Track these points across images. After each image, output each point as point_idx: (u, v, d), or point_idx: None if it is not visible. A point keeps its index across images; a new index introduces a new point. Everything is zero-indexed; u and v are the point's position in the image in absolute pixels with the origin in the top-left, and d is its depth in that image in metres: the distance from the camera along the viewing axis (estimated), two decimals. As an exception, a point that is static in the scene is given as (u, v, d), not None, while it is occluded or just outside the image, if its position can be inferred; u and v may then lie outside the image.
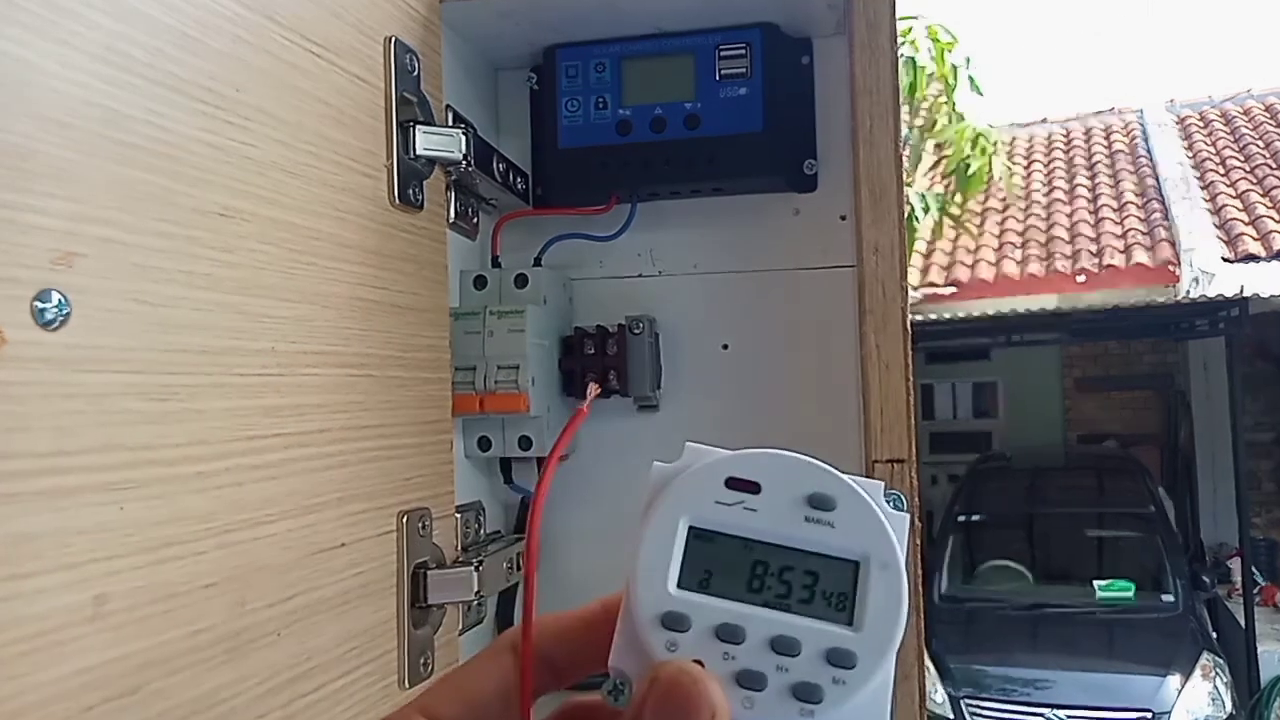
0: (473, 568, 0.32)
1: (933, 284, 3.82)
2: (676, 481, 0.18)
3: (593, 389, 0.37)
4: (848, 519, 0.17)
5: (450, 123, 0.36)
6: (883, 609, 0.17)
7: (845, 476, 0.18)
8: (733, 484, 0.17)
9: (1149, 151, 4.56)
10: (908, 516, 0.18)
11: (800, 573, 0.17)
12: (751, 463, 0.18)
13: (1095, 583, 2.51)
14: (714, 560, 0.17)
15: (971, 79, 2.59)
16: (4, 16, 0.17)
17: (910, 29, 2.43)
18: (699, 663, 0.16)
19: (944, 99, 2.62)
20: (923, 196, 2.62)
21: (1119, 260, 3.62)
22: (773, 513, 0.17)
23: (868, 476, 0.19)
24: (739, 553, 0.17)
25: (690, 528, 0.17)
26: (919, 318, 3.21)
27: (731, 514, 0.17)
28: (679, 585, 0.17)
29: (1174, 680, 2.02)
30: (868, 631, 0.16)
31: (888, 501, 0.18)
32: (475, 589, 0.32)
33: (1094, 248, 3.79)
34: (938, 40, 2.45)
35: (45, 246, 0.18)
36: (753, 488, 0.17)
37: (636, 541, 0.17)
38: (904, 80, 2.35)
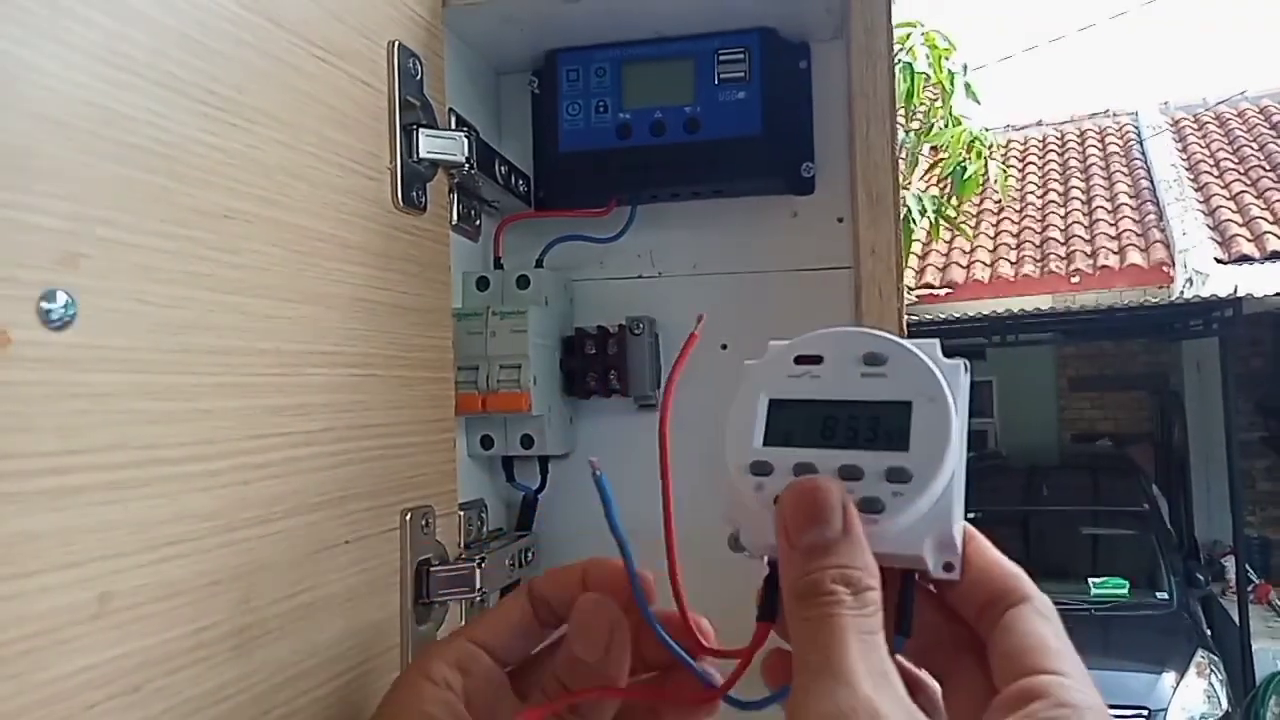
0: (475, 565, 0.32)
1: (929, 285, 3.84)
2: (754, 367, 0.22)
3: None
4: (898, 369, 0.20)
5: (453, 126, 0.36)
6: (931, 432, 0.19)
7: (895, 337, 0.20)
8: (800, 360, 0.21)
9: (1143, 153, 4.59)
10: (960, 364, 0.20)
11: (864, 419, 0.20)
12: (813, 340, 0.21)
13: (1090, 580, 2.52)
14: (791, 421, 0.20)
15: (968, 85, 2.60)
16: (4, 16, 0.17)
17: (908, 36, 2.44)
18: None
19: (940, 104, 2.63)
20: (919, 199, 2.62)
21: (1113, 261, 3.64)
22: (835, 375, 0.20)
23: None
24: (810, 411, 0.20)
25: (769, 400, 0.21)
26: (915, 318, 3.22)
27: (801, 383, 0.21)
28: (764, 444, 0.20)
29: (1169, 677, 2.03)
30: (919, 451, 0.19)
31: (947, 356, 0.20)
32: (478, 585, 0.32)
33: (1088, 249, 3.81)
34: (935, 47, 2.46)
35: (48, 246, 0.18)
36: (816, 360, 0.21)
37: (725, 420, 0.21)
38: (901, 86, 2.36)
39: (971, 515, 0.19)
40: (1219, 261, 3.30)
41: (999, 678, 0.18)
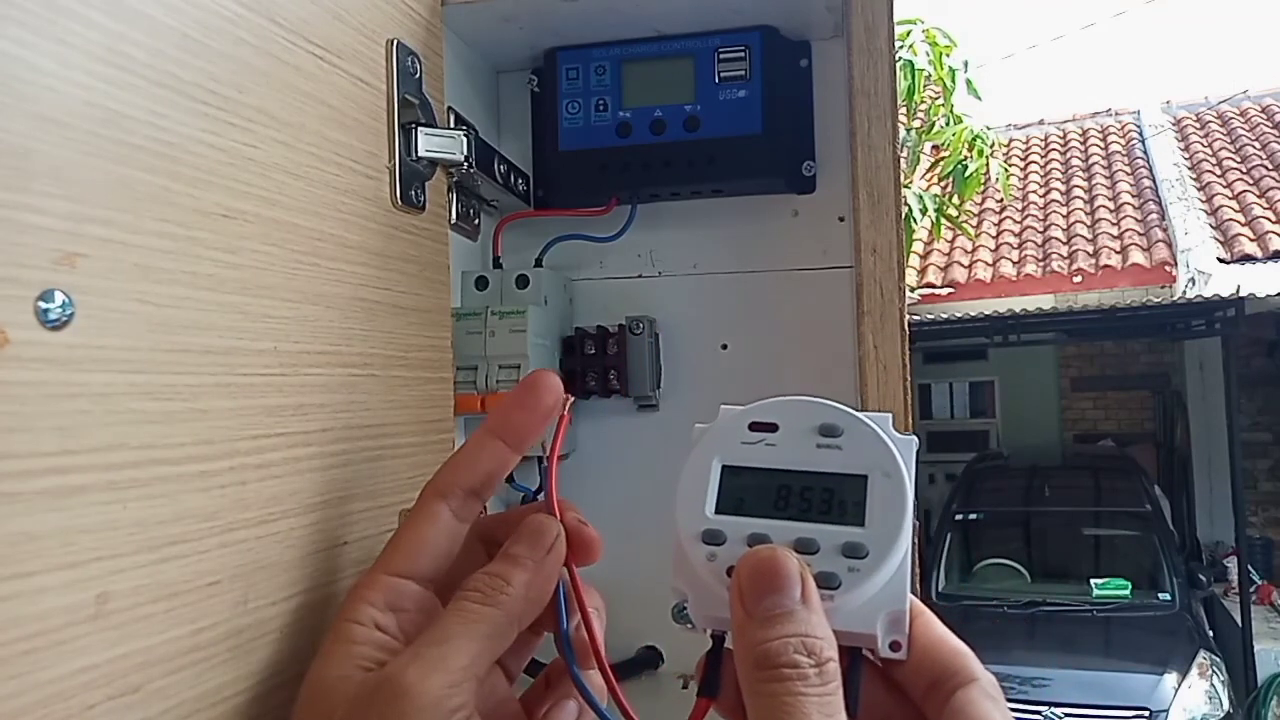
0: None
1: (930, 284, 3.83)
2: (708, 431, 0.22)
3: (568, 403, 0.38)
4: (854, 442, 0.20)
5: (452, 125, 0.36)
6: (888, 508, 0.19)
7: (850, 409, 0.20)
8: (755, 427, 0.21)
9: (1145, 153, 4.58)
10: (914, 439, 0.20)
11: (817, 490, 0.20)
12: (768, 408, 0.21)
13: (1092, 581, 2.52)
14: (744, 489, 0.20)
15: (969, 82, 2.60)
16: (3, 16, 0.17)
17: (909, 32, 2.43)
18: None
19: (941, 102, 2.62)
20: (920, 198, 2.62)
21: (1115, 261, 3.63)
22: (789, 445, 0.20)
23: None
24: (764, 480, 0.20)
25: (722, 465, 0.21)
26: (916, 318, 3.22)
27: (755, 450, 0.21)
28: (716, 511, 0.20)
29: (1171, 678, 2.03)
30: (875, 527, 0.19)
31: (899, 432, 0.20)
32: (476, 588, 0.32)
33: (1090, 248, 3.80)
34: (936, 44, 2.46)
35: (47, 246, 0.18)
36: (771, 428, 0.21)
37: (676, 482, 0.21)
38: (902, 84, 2.35)
39: (973, 516, 0.19)
40: (1221, 261, 3.30)
41: None
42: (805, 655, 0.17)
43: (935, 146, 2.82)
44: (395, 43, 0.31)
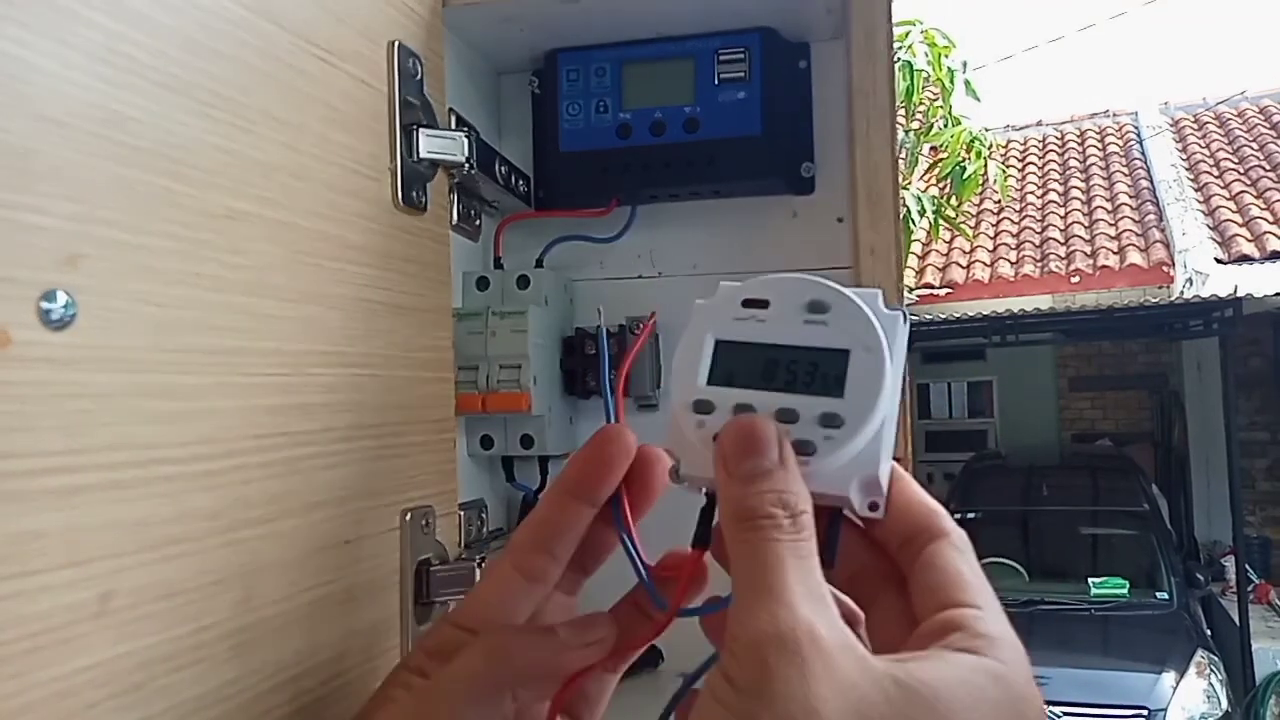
0: (475, 564, 0.32)
1: (928, 285, 3.84)
2: (704, 306, 0.22)
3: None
4: (839, 318, 0.21)
5: (453, 126, 0.36)
6: (865, 381, 0.20)
7: (839, 286, 0.21)
8: (748, 303, 0.22)
9: (1143, 153, 4.58)
10: (899, 313, 0.21)
11: (803, 364, 0.21)
12: (761, 285, 0.22)
13: (1090, 580, 2.52)
14: (734, 362, 0.21)
15: (968, 83, 2.60)
16: (4, 16, 0.17)
17: (907, 34, 2.44)
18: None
19: (940, 103, 2.63)
20: (918, 199, 2.62)
21: (1113, 261, 3.64)
22: (779, 320, 0.21)
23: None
24: (753, 354, 0.21)
25: (715, 340, 0.22)
26: (915, 318, 3.22)
27: (746, 326, 0.21)
28: (708, 382, 0.21)
29: (1169, 677, 2.03)
30: (851, 398, 0.20)
31: (887, 307, 0.21)
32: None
33: (1088, 249, 3.81)
34: (935, 45, 2.46)
35: (49, 247, 0.18)
36: (763, 304, 0.21)
37: (675, 356, 0.22)
38: (900, 85, 2.35)
39: (971, 515, 0.19)
40: (1219, 261, 3.30)
41: (919, 609, 0.20)
42: (780, 509, 0.19)
43: (933, 148, 2.82)
44: (397, 44, 0.31)
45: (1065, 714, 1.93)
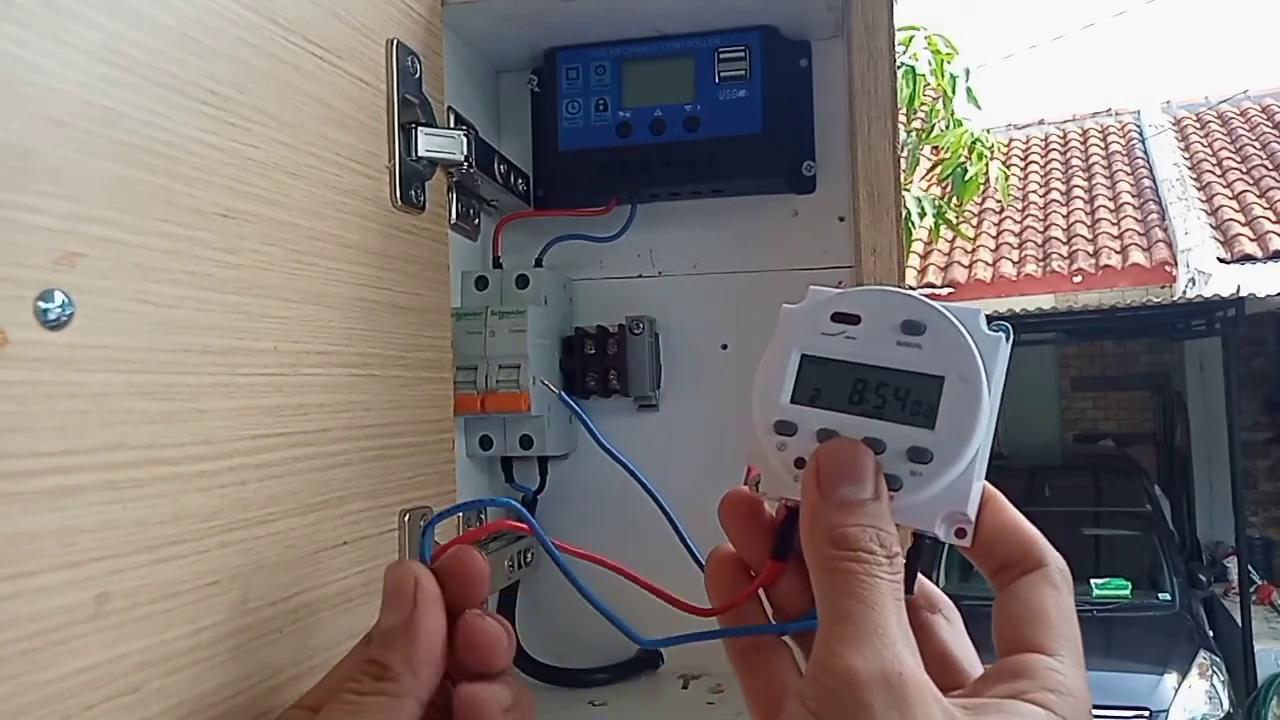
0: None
1: (930, 284, 3.83)
2: (792, 313, 0.21)
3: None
4: (935, 340, 0.20)
5: (452, 124, 0.36)
6: (959, 414, 0.19)
7: (937, 305, 0.20)
8: (837, 317, 0.21)
9: (1145, 153, 4.57)
10: (1002, 337, 0.20)
11: (893, 388, 0.20)
12: (854, 298, 0.21)
13: (1092, 581, 2.52)
14: (820, 380, 0.20)
15: (970, 91, 2.59)
16: (3, 16, 0.17)
17: (911, 39, 2.43)
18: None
19: (942, 106, 2.62)
20: (919, 200, 2.62)
21: (1115, 261, 3.63)
22: (870, 339, 0.20)
23: None
24: (841, 373, 0.20)
25: (801, 355, 0.21)
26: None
27: (835, 342, 0.20)
28: (791, 400, 0.20)
29: (1171, 678, 2.03)
30: (943, 432, 0.19)
31: (991, 328, 0.20)
32: (476, 588, 0.32)
33: (1090, 248, 3.80)
34: (938, 52, 2.46)
35: (46, 246, 0.18)
36: (854, 319, 0.20)
37: (758, 368, 0.21)
38: (904, 90, 2.35)
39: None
40: (1221, 261, 3.29)
41: (998, 641, 0.19)
42: (879, 546, 0.18)
43: (935, 149, 2.82)
44: (395, 42, 0.31)
45: (1067, 714, 1.92)
